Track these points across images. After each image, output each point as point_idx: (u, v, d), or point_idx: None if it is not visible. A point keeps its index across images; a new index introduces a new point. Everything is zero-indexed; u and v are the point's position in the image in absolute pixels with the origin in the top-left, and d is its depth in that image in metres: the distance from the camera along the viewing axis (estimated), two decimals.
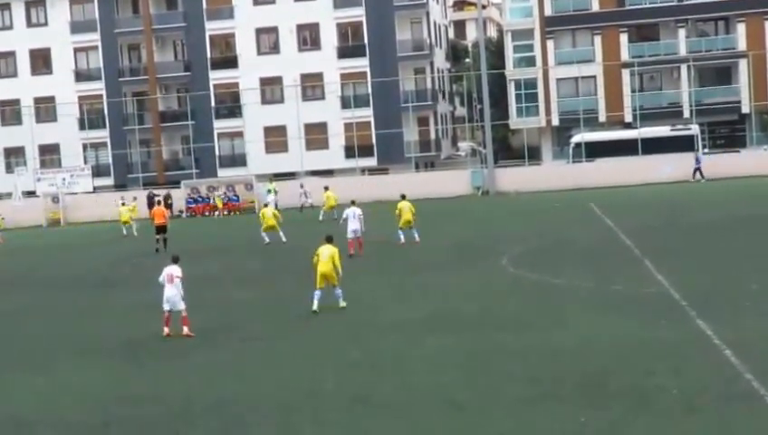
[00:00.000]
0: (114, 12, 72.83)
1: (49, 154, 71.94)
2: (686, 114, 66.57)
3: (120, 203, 50.47)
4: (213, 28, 71.41)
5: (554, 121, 70.53)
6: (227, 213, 59.59)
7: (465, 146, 79.79)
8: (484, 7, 78.60)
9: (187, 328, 19.87)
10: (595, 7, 69.79)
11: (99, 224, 57.65)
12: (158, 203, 45.11)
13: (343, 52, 70.32)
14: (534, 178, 60.31)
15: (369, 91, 69.67)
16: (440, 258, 30.27)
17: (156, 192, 58.66)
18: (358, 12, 69.87)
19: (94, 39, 72.18)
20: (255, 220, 40.81)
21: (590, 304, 20.71)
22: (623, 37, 69.60)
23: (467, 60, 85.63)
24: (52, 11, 72.56)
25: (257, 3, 70.80)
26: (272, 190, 56.54)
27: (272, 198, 54.34)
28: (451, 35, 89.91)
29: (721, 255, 27.01)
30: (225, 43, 72.29)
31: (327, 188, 48.13)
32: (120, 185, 69.57)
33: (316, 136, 68.91)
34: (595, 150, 60.91)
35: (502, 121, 70.83)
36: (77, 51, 72.74)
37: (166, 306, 20.01)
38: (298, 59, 69.98)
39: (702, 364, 15.14)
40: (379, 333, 19.39)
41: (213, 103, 71.68)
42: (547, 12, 70.22)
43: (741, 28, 68.57)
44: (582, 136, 62.35)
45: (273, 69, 70.07)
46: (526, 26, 71.30)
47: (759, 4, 68.11)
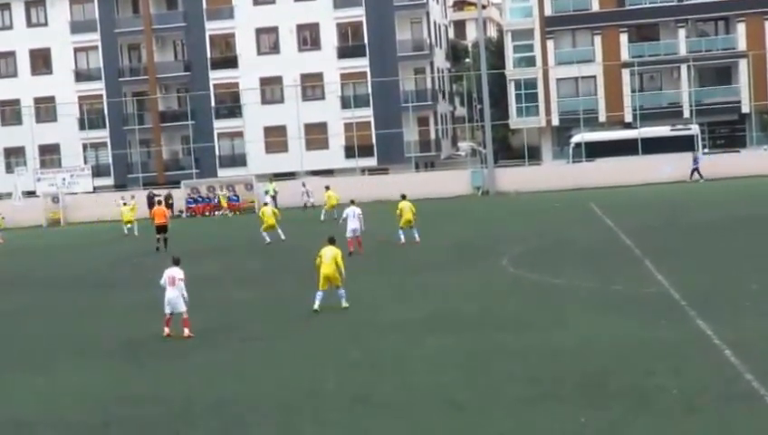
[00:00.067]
0: (114, 12, 72.81)
1: (49, 154, 71.92)
2: (686, 114, 66.55)
3: (122, 203, 50.48)
4: (213, 28, 71.41)
5: (554, 121, 70.52)
6: (231, 212, 59.14)
7: (465, 146, 79.78)
8: (484, 7, 78.62)
9: (187, 330, 19.86)
10: (595, 7, 69.77)
11: (99, 224, 57.63)
12: (159, 203, 45.12)
13: (343, 52, 70.32)
14: (534, 178, 60.29)
15: (369, 91, 69.67)
16: (440, 258, 30.27)
17: (156, 192, 58.63)
18: (358, 12, 69.86)
19: (94, 39, 72.17)
20: (256, 220, 40.78)
21: (590, 304, 20.71)
22: (623, 37, 69.59)
23: (467, 60, 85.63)
24: (52, 11, 72.55)
25: (257, 3, 70.79)
26: (269, 191, 56.53)
27: (269, 198, 54.37)
28: (451, 35, 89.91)
29: (721, 255, 27.02)
30: (225, 43, 72.28)
31: (328, 187, 48.16)
32: (120, 185, 69.56)
33: (316, 136, 68.91)
34: (595, 150, 60.90)
35: (502, 121, 70.82)
36: (77, 51, 72.72)
37: (167, 309, 19.99)
38: (298, 59, 69.98)
39: (702, 364, 15.14)
40: (379, 333, 19.39)
41: (213, 103, 71.66)
42: (547, 12, 70.21)
43: (741, 28, 68.56)
44: (582, 136, 62.34)
45: (273, 69, 70.07)
46: (526, 26, 71.28)
47: (759, 4, 68.09)
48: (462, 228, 40.02)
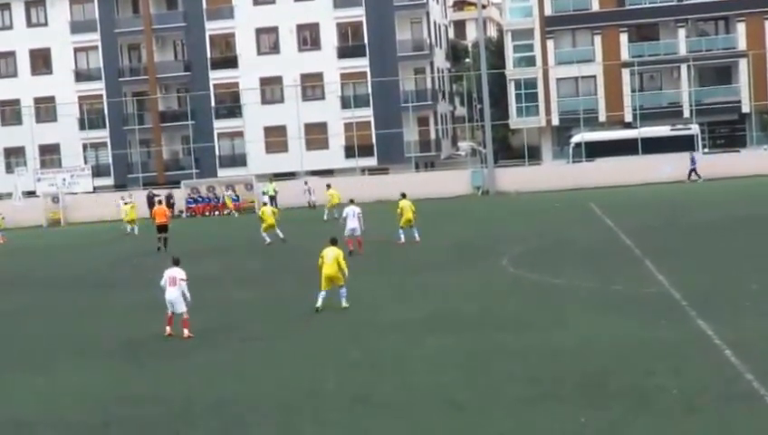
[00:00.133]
0: (114, 12, 72.78)
1: (49, 154, 71.89)
2: (686, 114, 66.52)
3: (123, 202, 50.47)
4: (213, 28, 71.39)
5: (554, 121, 70.50)
6: (236, 212, 58.13)
7: (465, 146, 79.77)
8: (484, 7, 78.61)
9: (187, 330, 19.86)
10: (595, 7, 69.75)
11: (99, 224, 57.62)
12: (159, 202, 45.19)
13: (343, 52, 70.30)
14: (534, 178, 60.27)
15: (369, 91, 69.65)
16: (440, 258, 30.27)
17: (156, 192, 58.60)
18: (358, 12, 69.84)
19: (94, 39, 72.15)
20: (256, 220, 40.75)
21: (590, 304, 20.71)
22: (623, 37, 69.57)
23: (467, 60, 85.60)
24: (52, 11, 72.53)
25: (257, 3, 70.77)
26: (267, 192, 56.42)
27: (266, 199, 54.28)
28: (451, 35, 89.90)
29: (721, 255, 27.01)
30: (225, 43, 72.26)
31: (329, 185, 48.09)
32: (120, 185, 69.51)
33: (316, 136, 68.87)
34: (595, 150, 60.88)
35: (502, 121, 70.79)
36: (77, 51, 72.69)
37: (169, 308, 20.04)
38: (298, 59, 69.97)
39: (702, 364, 15.14)
40: (379, 333, 19.39)
41: (213, 103, 71.63)
42: (547, 12, 70.19)
43: (741, 28, 68.54)
44: (582, 136, 62.31)
45: (273, 69, 70.04)
46: (526, 26, 71.26)
47: (759, 3, 68.05)
48: (462, 228, 40.01)
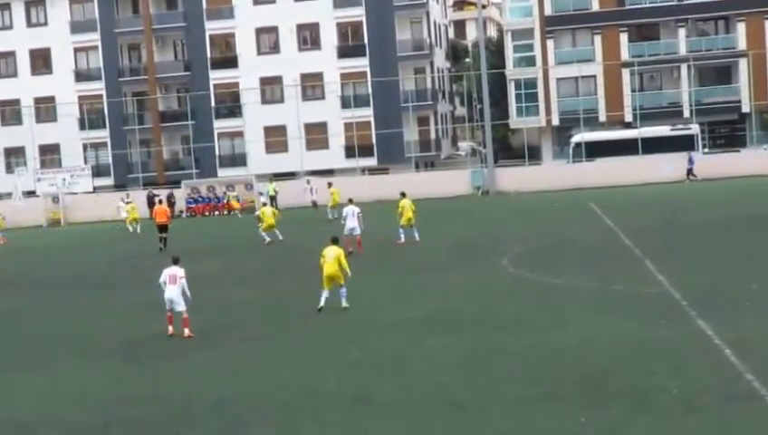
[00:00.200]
0: (114, 12, 72.79)
1: (49, 154, 71.89)
2: (686, 114, 66.50)
3: (125, 202, 50.49)
4: (213, 28, 71.39)
5: (554, 121, 70.49)
6: (236, 212, 57.89)
7: (465, 146, 79.75)
8: (484, 7, 78.61)
9: (187, 329, 19.86)
10: (595, 7, 69.74)
11: (99, 224, 57.63)
12: (160, 202, 45.25)
13: (343, 51, 70.30)
14: (534, 177, 60.27)
15: (369, 91, 69.65)
16: (440, 258, 30.27)
17: (156, 192, 58.61)
18: (358, 12, 69.85)
19: (94, 39, 72.15)
20: (255, 220, 40.74)
21: (590, 304, 20.71)
22: (623, 37, 69.56)
23: (467, 60, 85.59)
24: (52, 11, 72.54)
25: (257, 2, 70.76)
26: (268, 191, 56.38)
27: (265, 199, 54.23)
28: (451, 35, 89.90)
29: (721, 255, 27.01)
30: (225, 42, 72.26)
31: (330, 184, 48.07)
32: (120, 185, 69.51)
33: (316, 136, 68.88)
34: (595, 150, 60.88)
35: (502, 121, 70.79)
36: (77, 51, 72.69)
37: (168, 306, 20.04)
38: (298, 59, 69.97)
39: (702, 364, 15.14)
40: (379, 333, 19.39)
41: (213, 103, 71.63)
42: (547, 11, 70.18)
43: (741, 28, 68.53)
44: (582, 136, 62.31)
45: (273, 69, 70.05)
46: (526, 26, 71.26)
47: (759, 3, 68.05)
48: (462, 228, 40.00)
